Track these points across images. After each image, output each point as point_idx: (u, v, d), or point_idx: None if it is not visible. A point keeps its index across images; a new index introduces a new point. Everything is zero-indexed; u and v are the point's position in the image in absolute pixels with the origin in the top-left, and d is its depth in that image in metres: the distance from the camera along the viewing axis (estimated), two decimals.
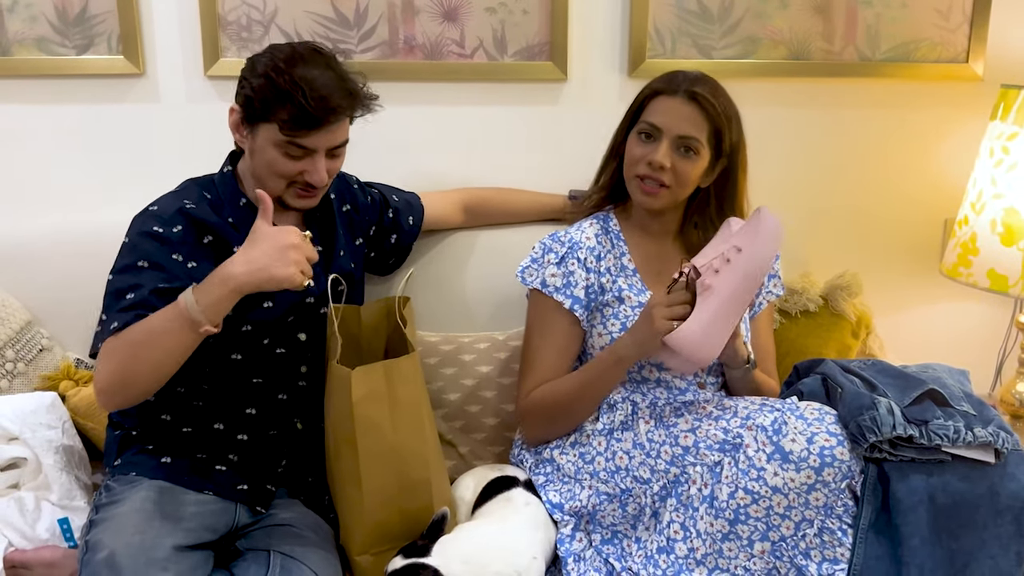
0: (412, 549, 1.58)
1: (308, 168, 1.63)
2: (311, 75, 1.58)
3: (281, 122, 1.58)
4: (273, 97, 1.58)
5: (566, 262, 1.77)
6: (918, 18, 2.19)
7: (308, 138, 1.60)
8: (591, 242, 1.79)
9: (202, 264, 1.62)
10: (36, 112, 2.12)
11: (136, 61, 2.09)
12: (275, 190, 1.65)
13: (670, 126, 1.70)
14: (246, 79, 1.62)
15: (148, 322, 1.50)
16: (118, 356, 1.51)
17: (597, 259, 1.79)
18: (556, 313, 1.77)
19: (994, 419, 1.54)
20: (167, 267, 1.59)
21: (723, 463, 1.56)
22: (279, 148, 1.61)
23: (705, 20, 2.16)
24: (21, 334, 1.97)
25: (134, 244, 1.62)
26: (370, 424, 1.64)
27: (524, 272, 1.81)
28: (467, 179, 2.15)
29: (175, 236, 1.62)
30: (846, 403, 1.55)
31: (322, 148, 1.63)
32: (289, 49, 1.63)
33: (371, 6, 2.11)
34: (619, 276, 1.79)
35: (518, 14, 2.13)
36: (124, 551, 1.50)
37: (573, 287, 1.76)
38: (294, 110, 1.57)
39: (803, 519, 1.50)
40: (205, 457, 1.71)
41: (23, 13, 2.06)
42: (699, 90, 1.70)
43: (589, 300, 1.77)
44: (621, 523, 1.67)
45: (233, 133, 1.67)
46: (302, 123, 1.58)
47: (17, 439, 1.79)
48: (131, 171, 2.15)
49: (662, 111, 1.71)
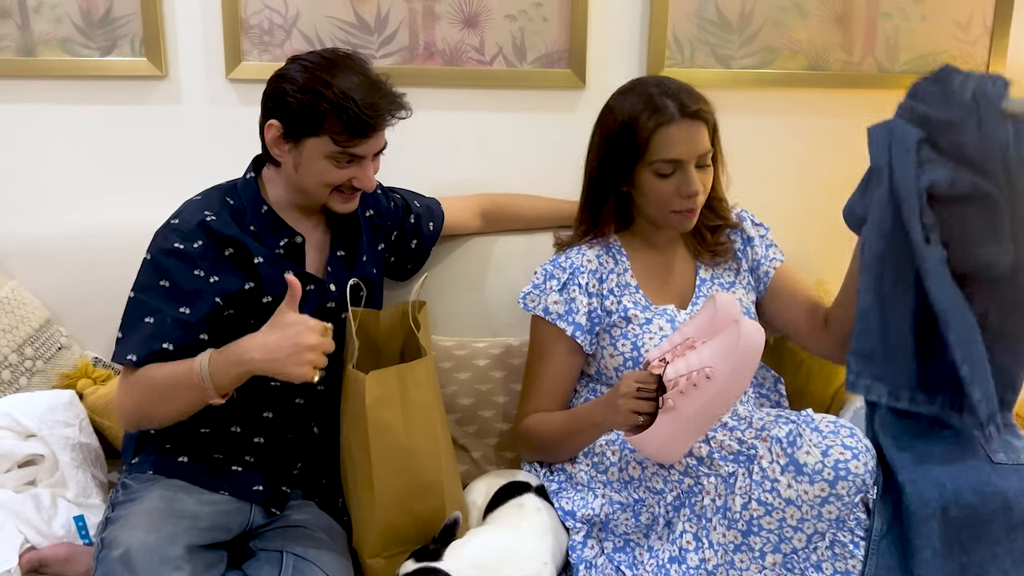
0: (424, 553, 1.59)
1: (357, 174, 1.66)
2: (353, 83, 1.60)
3: (334, 134, 1.60)
4: (325, 111, 1.59)
5: (568, 288, 1.78)
6: (937, 30, 2.19)
7: (360, 146, 1.63)
8: (592, 264, 1.79)
9: (223, 276, 1.65)
10: (59, 112, 2.15)
11: (159, 63, 2.11)
12: (320, 198, 1.69)
13: (689, 153, 1.68)
14: (287, 95, 1.61)
15: (169, 372, 1.58)
16: (141, 396, 1.61)
17: (600, 281, 1.79)
18: (557, 340, 1.78)
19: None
20: (188, 286, 1.62)
21: (737, 474, 1.56)
22: (330, 159, 1.63)
23: (724, 30, 2.16)
24: (40, 332, 1.98)
25: (156, 262, 1.64)
26: (383, 427, 1.65)
27: (526, 298, 1.81)
28: (485, 184, 2.16)
29: (196, 252, 1.64)
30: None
31: (370, 154, 1.66)
32: (321, 60, 1.64)
33: (392, 12, 2.12)
34: (623, 295, 1.79)
35: (538, 21, 2.14)
36: (139, 549, 1.51)
37: (575, 313, 1.76)
38: (348, 120, 1.59)
39: (815, 532, 1.50)
40: (221, 458, 1.72)
41: (48, 14, 2.08)
42: (694, 106, 1.67)
43: (592, 324, 1.77)
44: (634, 532, 1.67)
45: (271, 149, 1.67)
46: (355, 132, 1.61)
47: (35, 436, 1.80)
48: (152, 172, 2.17)
49: (676, 142, 1.67)
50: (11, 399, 1.85)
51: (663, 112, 1.66)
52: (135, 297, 1.64)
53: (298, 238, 1.71)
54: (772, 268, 1.87)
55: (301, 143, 1.63)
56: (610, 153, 1.73)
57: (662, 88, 1.70)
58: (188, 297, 1.62)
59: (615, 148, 1.72)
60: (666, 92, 1.69)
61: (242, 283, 1.66)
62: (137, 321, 1.62)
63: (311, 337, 1.49)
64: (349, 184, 1.68)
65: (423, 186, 2.04)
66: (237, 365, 1.52)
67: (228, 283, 1.64)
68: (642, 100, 1.69)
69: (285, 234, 1.70)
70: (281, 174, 1.71)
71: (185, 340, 1.60)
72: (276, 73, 1.66)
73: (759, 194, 1.99)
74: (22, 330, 1.95)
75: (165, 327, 1.60)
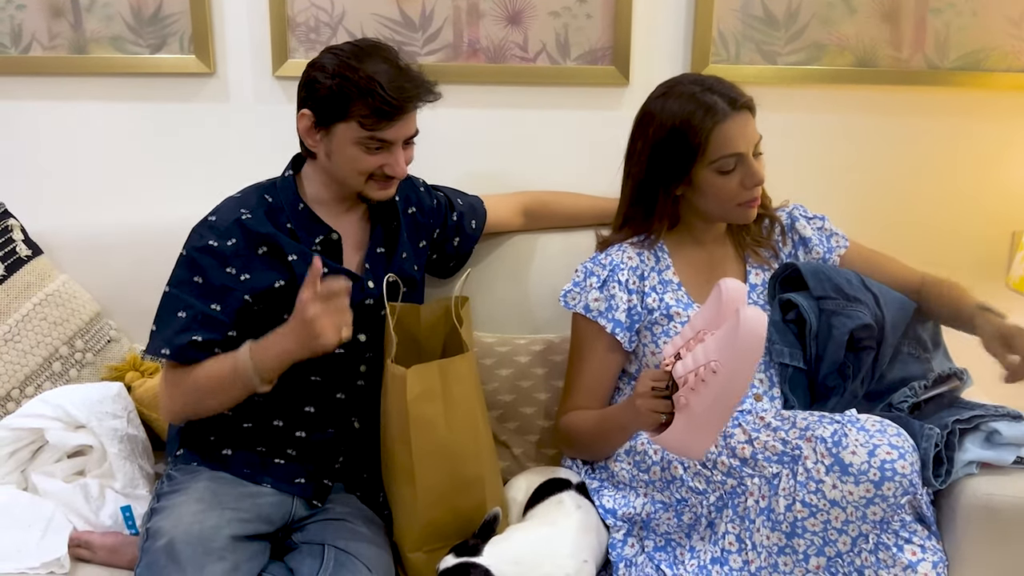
0: (464, 548, 1.59)
1: (388, 161, 1.68)
2: (381, 68, 1.63)
3: (361, 118, 1.62)
4: (352, 94, 1.61)
5: (608, 285, 1.77)
6: (989, 26, 2.15)
7: (388, 130, 1.64)
8: (633, 262, 1.78)
9: (255, 274, 1.68)
10: (110, 109, 2.19)
11: (207, 61, 2.14)
12: (356, 186, 1.70)
13: (748, 144, 1.69)
14: (316, 82, 1.65)
15: (211, 372, 1.62)
16: (187, 398, 1.66)
17: (640, 279, 1.78)
18: (597, 337, 1.78)
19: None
20: (220, 283, 1.66)
21: (781, 475, 1.54)
22: (359, 145, 1.65)
23: (770, 26, 2.14)
24: (91, 325, 2.02)
25: (191, 258, 1.68)
26: (425, 422, 1.65)
27: (567, 296, 1.81)
28: (527, 181, 2.15)
29: (229, 249, 1.67)
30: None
31: (399, 139, 1.67)
32: (352, 47, 1.67)
33: (436, 9, 2.13)
34: (665, 292, 1.78)
35: (581, 18, 2.13)
36: (183, 539, 1.53)
37: (615, 310, 1.76)
38: (375, 103, 1.61)
39: (859, 534, 1.48)
40: (264, 451, 1.74)
41: (100, 12, 2.12)
42: (738, 97, 1.69)
43: (632, 322, 1.77)
44: (676, 532, 1.66)
45: (304, 139, 1.70)
46: (382, 115, 1.62)
47: (84, 427, 1.83)
48: (200, 168, 2.21)
49: (734, 138, 1.67)
50: (62, 391, 1.88)
51: (715, 109, 1.66)
52: (169, 292, 1.68)
53: (334, 235, 1.73)
54: (837, 257, 1.86)
55: (331, 130, 1.65)
56: (662, 156, 1.72)
57: (703, 85, 1.70)
58: (219, 294, 1.66)
59: (668, 151, 1.71)
60: (709, 88, 1.69)
61: (273, 280, 1.68)
62: (170, 316, 1.66)
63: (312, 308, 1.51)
64: (382, 172, 1.69)
65: (465, 183, 2.04)
66: (274, 352, 1.57)
67: (259, 281, 1.67)
68: (689, 100, 1.68)
69: (321, 231, 1.72)
70: (318, 167, 1.73)
71: (215, 335, 1.65)
72: (309, 63, 1.69)
73: (806, 192, 1.96)
74: (73, 323, 1.99)
75: (196, 322, 1.64)
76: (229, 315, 1.65)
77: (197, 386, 1.64)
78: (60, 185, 2.21)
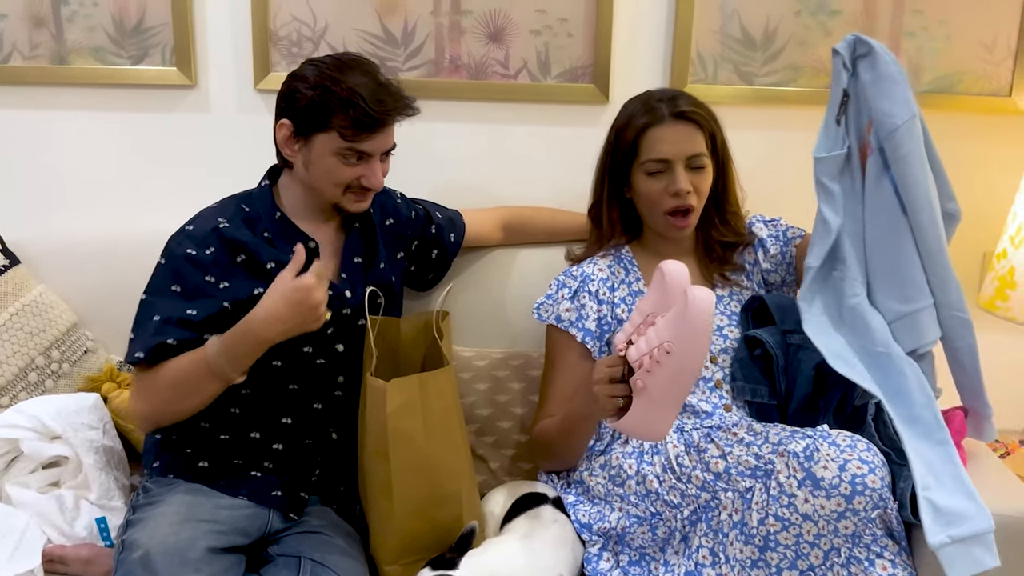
0: (440, 561, 1.59)
1: (366, 172, 1.69)
2: (362, 81, 1.65)
3: (341, 129, 1.64)
4: (333, 105, 1.63)
5: (579, 296, 1.81)
6: (962, 51, 2.19)
7: (367, 142, 1.66)
8: (603, 273, 1.82)
9: (234, 282, 1.69)
10: (91, 119, 2.18)
11: (189, 72, 2.14)
12: (332, 197, 1.72)
13: (676, 153, 1.73)
14: (297, 92, 1.67)
15: (179, 367, 1.61)
16: (155, 397, 1.65)
17: (611, 290, 1.81)
18: (569, 347, 1.81)
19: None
20: (198, 290, 1.66)
21: (754, 489, 1.56)
22: (338, 155, 1.66)
23: (748, 47, 2.17)
24: (67, 335, 2.01)
25: (169, 267, 1.69)
26: (403, 435, 1.66)
27: (540, 308, 1.85)
28: (507, 197, 2.17)
29: (207, 258, 1.68)
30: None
31: (378, 152, 1.69)
32: (333, 60, 1.69)
33: (419, 26, 2.15)
34: (635, 303, 1.81)
35: (562, 36, 2.16)
36: (159, 551, 1.53)
37: (585, 320, 1.79)
38: (355, 115, 1.62)
39: (832, 548, 1.50)
40: (241, 463, 1.74)
41: (82, 23, 2.12)
42: (683, 107, 1.74)
43: (602, 331, 1.80)
44: (650, 546, 1.68)
45: (282, 149, 1.71)
46: (363, 127, 1.64)
47: (59, 438, 1.83)
48: (180, 180, 2.21)
49: (662, 142, 1.73)
50: (37, 401, 1.87)
51: (653, 113, 1.74)
52: (146, 299, 1.69)
53: (311, 243, 1.74)
54: (793, 247, 1.89)
55: (311, 140, 1.67)
56: (610, 157, 1.81)
57: (661, 95, 1.78)
58: (197, 300, 1.66)
59: (613, 152, 1.80)
60: (662, 98, 1.76)
61: (253, 288, 1.68)
62: (146, 321, 1.66)
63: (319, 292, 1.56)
64: (358, 183, 1.70)
65: (446, 198, 2.06)
66: (247, 336, 1.58)
67: (238, 290, 1.68)
68: (639, 105, 1.78)
69: (298, 239, 1.73)
70: (294, 177, 1.74)
71: (189, 337, 1.64)
72: (290, 74, 1.71)
73: (780, 212, 1.99)
74: (49, 333, 1.98)
75: (171, 324, 1.64)
76: (204, 318, 1.65)
77: (165, 383, 1.63)
78: (39, 195, 2.21)
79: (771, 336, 1.75)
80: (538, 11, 2.14)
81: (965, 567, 1.46)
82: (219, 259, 1.69)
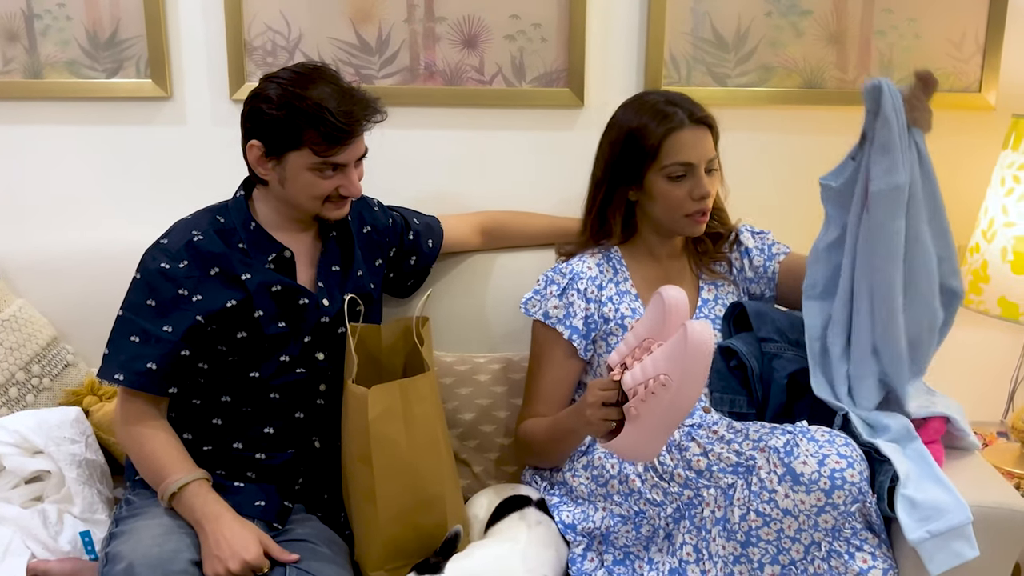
0: (425, 566, 1.60)
1: (343, 182, 1.70)
2: (326, 92, 1.64)
3: (313, 145, 1.64)
4: (301, 122, 1.62)
5: (567, 293, 1.81)
6: (931, 48, 2.21)
7: (340, 154, 1.66)
8: (592, 272, 1.83)
9: (207, 295, 1.69)
10: (66, 133, 2.18)
11: (164, 85, 2.14)
12: (312, 209, 1.72)
13: (700, 157, 1.75)
14: (263, 113, 1.65)
15: (153, 453, 1.68)
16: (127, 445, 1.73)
17: (599, 288, 1.82)
18: (556, 344, 1.82)
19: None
20: (172, 305, 1.68)
21: (736, 485, 1.58)
22: (313, 170, 1.67)
23: (720, 48, 2.19)
24: (47, 350, 2.01)
25: (144, 281, 1.70)
26: (386, 441, 1.66)
27: (527, 303, 1.85)
28: (484, 202, 2.18)
29: (181, 272, 1.68)
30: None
31: (351, 161, 1.69)
32: (292, 74, 1.68)
33: (393, 33, 2.15)
34: (621, 303, 1.82)
35: (536, 41, 2.17)
36: (143, 563, 1.52)
37: (572, 317, 1.80)
38: (325, 129, 1.62)
39: (812, 542, 1.52)
40: (224, 474, 1.74)
41: (55, 37, 2.12)
42: (700, 113, 1.76)
43: (589, 330, 1.81)
44: (634, 544, 1.69)
45: (255, 168, 1.71)
46: (334, 140, 1.64)
47: (42, 452, 1.82)
48: (157, 191, 2.20)
49: (687, 146, 1.74)
50: (19, 416, 1.86)
51: (673, 118, 1.74)
52: (123, 316, 1.70)
53: (287, 252, 1.74)
54: (776, 263, 1.91)
55: (283, 159, 1.67)
56: (618, 158, 1.79)
57: (667, 98, 1.78)
58: (171, 315, 1.67)
59: (623, 153, 1.78)
60: (671, 101, 1.77)
61: (227, 300, 1.69)
62: (123, 339, 1.68)
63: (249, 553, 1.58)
64: (337, 193, 1.71)
65: (423, 204, 2.06)
66: (193, 516, 1.62)
67: (212, 302, 1.68)
68: (650, 109, 1.77)
69: (273, 249, 1.73)
70: (269, 193, 1.74)
71: (167, 355, 1.66)
72: (251, 93, 1.70)
73: (754, 210, 2.01)
74: (29, 348, 1.98)
75: (148, 345, 1.66)
76: (180, 335, 1.66)
77: (138, 449, 1.69)
78: (16, 209, 2.20)
79: (745, 345, 1.77)
80: (512, 16, 2.15)
81: (944, 560, 1.48)
82: (192, 272, 1.69)
